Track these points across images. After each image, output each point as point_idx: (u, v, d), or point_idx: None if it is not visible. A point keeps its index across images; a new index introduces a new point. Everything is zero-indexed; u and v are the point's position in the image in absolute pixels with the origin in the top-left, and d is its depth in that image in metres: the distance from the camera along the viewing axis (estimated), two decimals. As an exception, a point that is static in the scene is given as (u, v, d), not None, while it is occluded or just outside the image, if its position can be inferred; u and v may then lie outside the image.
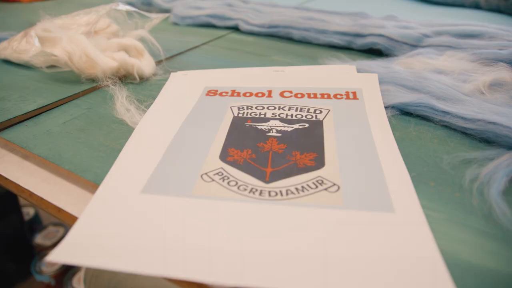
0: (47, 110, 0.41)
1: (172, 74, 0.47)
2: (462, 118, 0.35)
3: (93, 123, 0.38)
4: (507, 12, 0.85)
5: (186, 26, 0.70)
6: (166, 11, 0.78)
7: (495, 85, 0.42)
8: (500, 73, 0.43)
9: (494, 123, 0.34)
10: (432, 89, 0.39)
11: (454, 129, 0.35)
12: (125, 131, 0.36)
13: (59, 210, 0.30)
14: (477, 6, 0.88)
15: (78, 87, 0.45)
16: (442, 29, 0.55)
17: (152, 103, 0.40)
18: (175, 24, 0.72)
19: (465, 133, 0.35)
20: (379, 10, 0.84)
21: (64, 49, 0.46)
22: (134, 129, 0.35)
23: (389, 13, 0.81)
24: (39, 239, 1.08)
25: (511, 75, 0.43)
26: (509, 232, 0.24)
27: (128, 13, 0.57)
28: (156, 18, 0.54)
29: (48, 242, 1.07)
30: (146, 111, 0.38)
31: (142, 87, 0.45)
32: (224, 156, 0.30)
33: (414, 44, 0.53)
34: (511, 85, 0.42)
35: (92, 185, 0.29)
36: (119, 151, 0.32)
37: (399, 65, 0.46)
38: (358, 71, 0.44)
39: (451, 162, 0.30)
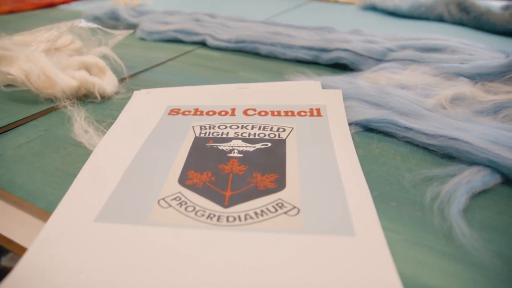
0: (2, 133, 0.39)
1: (135, 92, 0.46)
2: (425, 134, 0.35)
3: (49, 146, 0.36)
4: (470, 25, 0.87)
5: (153, 42, 0.69)
6: (133, 26, 0.77)
7: (456, 100, 0.42)
8: (461, 87, 0.43)
9: (455, 139, 0.34)
10: (395, 105, 0.39)
11: (417, 145, 0.36)
12: (82, 154, 0.34)
13: (9, 241, 0.28)
14: (441, 19, 0.91)
15: (36, 108, 0.43)
16: (406, 43, 0.56)
17: (112, 124, 0.38)
18: (142, 39, 0.70)
19: (427, 149, 0.35)
20: (347, 23, 0.85)
21: (21, 68, 0.44)
22: (92, 151, 0.34)
23: (357, 26, 0.82)
24: (5, 261, 1.04)
25: (471, 90, 0.43)
26: (468, 253, 0.24)
27: (92, 29, 0.55)
28: (120, 34, 0.53)
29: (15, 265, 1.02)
30: (105, 132, 0.37)
31: (104, 107, 0.43)
32: (183, 179, 0.29)
33: (379, 58, 0.53)
34: (472, 99, 0.43)
35: (44, 213, 0.28)
36: (75, 176, 0.31)
37: (364, 80, 0.46)
38: (323, 86, 0.44)
39: (413, 180, 0.30)
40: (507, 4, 0.85)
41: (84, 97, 0.45)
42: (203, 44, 0.65)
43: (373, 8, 0.99)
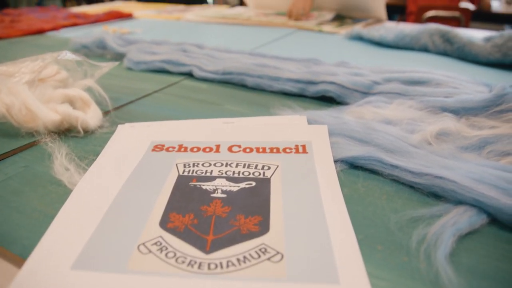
0: (-20, 169, 0.38)
1: (120, 126, 0.45)
2: (410, 172, 0.35)
3: (28, 184, 0.35)
4: (453, 55, 0.89)
5: (140, 72, 0.68)
6: (121, 55, 0.77)
7: (441, 135, 0.43)
8: (446, 123, 0.43)
9: (440, 178, 0.34)
10: (380, 141, 0.39)
11: (403, 183, 0.35)
12: (61, 193, 0.33)
13: (-20, 289, 0.27)
14: (426, 49, 0.92)
15: (17, 142, 0.42)
16: (391, 76, 0.56)
17: (94, 161, 0.38)
18: (129, 69, 0.70)
19: (413, 187, 0.35)
20: (334, 52, 0.86)
21: (2, 101, 0.43)
22: (71, 191, 0.33)
23: (343, 55, 0.83)
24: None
25: (456, 125, 0.44)
26: (456, 302, 0.23)
27: (77, 60, 0.55)
28: (105, 66, 0.53)
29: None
30: (87, 169, 0.36)
31: (86, 142, 0.43)
32: (164, 222, 0.29)
33: (365, 92, 0.53)
34: (457, 135, 0.43)
35: (19, 259, 0.27)
36: (53, 217, 0.30)
37: (350, 115, 0.46)
38: (309, 121, 0.44)
39: (399, 222, 0.30)
40: (488, 36, 0.87)
41: (66, 131, 0.45)
42: (190, 75, 0.65)
43: (359, 38, 1.00)
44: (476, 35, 1.15)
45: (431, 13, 2.59)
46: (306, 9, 1.32)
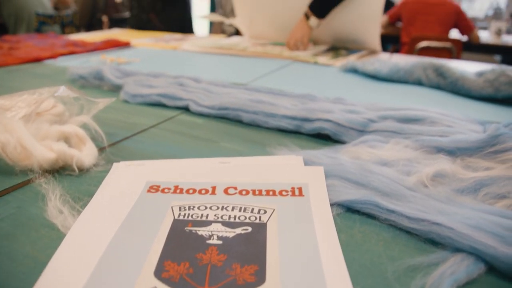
0: (-28, 210, 0.37)
1: (115, 165, 0.45)
2: (407, 217, 0.35)
3: (21, 226, 0.35)
4: (447, 89, 0.90)
5: (137, 105, 0.69)
6: (118, 87, 0.77)
7: (437, 177, 0.43)
8: (441, 164, 0.44)
9: (437, 224, 0.34)
10: (377, 184, 0.39)
11: (400, 229, 0.35)
12: (55, 238, 0.33)
13: None
14: (419, 83, 0.94)
15: (10, 181, 0.42)
16: (386, 113, 0.57)
17: (89, 202, 0.37)
18: (126, 101, 0.71)
19: (410, 232, 0.35)
20: (329, 85, 0.87)
21: (-3, 139, 0.43)
22: (65, 235, 0.33)
23: (339, 88, 0.84)
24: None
25: (451, 167, 0.44)
26: None
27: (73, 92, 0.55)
28: (102, 102, 0.53)
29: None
30: (81, 211, 0.36)
31: (81, 181, 0.42)
32: (159, 271, 0.28)
33: (360, 130, 0.54)
34: (452, 177, 0.43)
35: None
36: (45, 264, 0.29)
37: (346, 155, 0.46)
38: (305, 161, 0.44)
39: (397, 271, 0.29)
40: (480, 71, 0.88)
41: (61, 169, 0.44)
42: (186, 109, 0.65)
43: (354, 71, 1.02)
44: (468, 68, 1.17)
45: (423, 43, 2.64)
46: (304, 39, 1.34)
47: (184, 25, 2.13)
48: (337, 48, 1.43)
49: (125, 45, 1.43)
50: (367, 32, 1.37)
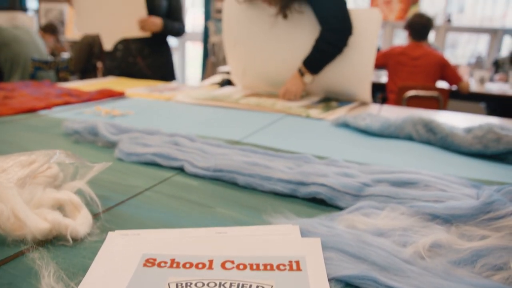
0: (-40, 285, 0.36)
1: (110, 234, 0.44)
2: (406, 295, 0.35)
3: (11, 306, 0.34)
4: (437, 144, 0.92)
5: (131, 163, 0.69)
6: (112, 144, 0.78)
7: (434, 247, 0.43)
8: (437, 234, 0.44)
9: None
10: (374, 258, 0.39)
11: (399, 307, 0.35)
12: (46, 321, 0.32)
13: None
14: (410, 138, 0.96)
15: (2, 253, 0.41)
16: (380, 177, 0.57)
17: (83, 279, 0.36)
18: (120, 160, 0.71)
19: (409, 312, 0.34)
20: (322, 142, 0.88)
21: (-10, 209, 0.42)
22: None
23: (331, 143, 0.85)
24: None
25: (447, 237, 0.44)
26: None
27: (69, 157, 0.55)
28: (97, 167, 0.53)
29: None
30: (75, 289, 0.35)
31: (75, 253, 0.41)
32: None
33: (355, 194, 0.54)
34: (449, 247, 0.43)
35: None
36: None
37: (342, 223, 0.47)
38: (302, 231, 0.44)
39: None
40: (468, 127, 0.91)
41: (54, 239, 0.44)
42: (181, 169, 0.65)
43: (346, 125, 1.04)
44: (456, 119, 1.20)
45: (411, 92, 2.72)
46: (298, 94, 1.38)
47: (167, 71, 2.25)
48: (328, 99, 1.46)
49: (119, 95, 1.45)
50: (358, 85, 1.41)
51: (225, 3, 1.59)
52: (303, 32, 1.42)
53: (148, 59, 2.16)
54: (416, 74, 2.87)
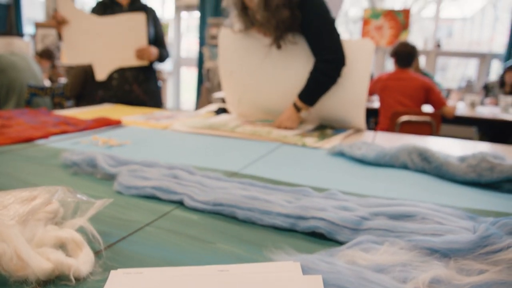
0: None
1: (112, 273, 0.44)
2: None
3: None
4: (432, 173, 0.93)
5: (130, 197, 0.69)
6: (111, 176, 0.78)
7: (433, 283, 0.43)
8: (437, 270, 0.44)
9: None
10: (375, 296, 0.39)
11: None
12: None
13: None
14: (405, 167, 0.97)
15: (3, 294, 0.41)
16: (378, 210, 0.58)
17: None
18: (119, 193, 0.71)
19: None
20: (319, 171, 0.89)
21: (-7, 249, 0.43)
22: None
23: (328, 174, 0.86)
24: None
25: (446, 272, 0.45)
26: None
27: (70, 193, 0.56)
28: (98, 203, 0.53)
29: None
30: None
31: (77, 294, 0.42)
32: None
33: (354, 228, 0.55)
34: (448, 283, 0.44)
35: None
36: None
37: (342, 259, 0.47)
38: (303, 268, 0.44)
39: None
40: (462, 156, 0.92)
41: (57, 279, 0.44)
42: (180, 203, 0.66)
43: (342, 154, 1.05)
44: (449, 144, 1.22)
45: (404, 118, 2.76)
46: (293, 127, 1.40)
47: (160, 96, 2.37)
48: (323, 126, 1.48)
49: (116, 123, 1.46)
50: (353, 113, 1.43)
51: (221, 33, 1.62)
52: (297, 62, 1.45)
53: (144, 85, 2.23)
54: (403, 97, 2.98)
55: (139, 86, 2.21)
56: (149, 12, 2.21)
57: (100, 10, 2.14)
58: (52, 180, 0.79)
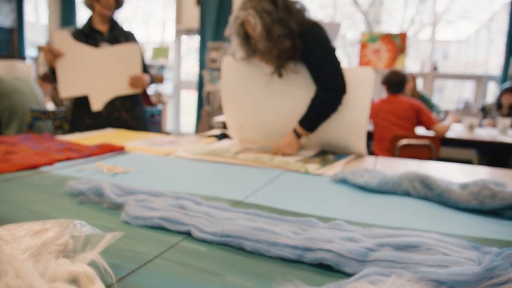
0: None
1: (124, 309, 0.45)
2: None
3: None
4: (434, 200, 0.94)
5: (138, 227, 0.70)
6: (118, 206, 0.79)
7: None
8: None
9: None
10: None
11: None
12: None
13: None
14: (407, 194, 0.98)
15: (18, 330, 0.42)
16: (383, 241, 0.59)
17: None
18: (126, 223, 0.72)
19: None
20: (322, 199, 0.90)
21: (8, 285, 0.43)
22: None
23: (331, 204, 0.88)
24: None
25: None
26: None
27: (82, 227, 0.57)
28: (108, 237, 0.54)
29: None
30: None
31: (90, 330, 0.42)
32: None
33: (360, 260, 0.56)
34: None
35: None
36: None
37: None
38: (312, 302, 0.45)
39: None
40: (464, 183, 0.94)
41: (69, 315, 0.44)
42: (188, 234, 0.66)
43: (344, 181, 1.06)
44: (448, 169, 1.23)
45: (404, 141, 2.78)
46: (293, 153, 1.42)
47: (145, 120, 2.44)
48: (325, 152, 1.50)
49: (119, 149, 1.47)
50: (354, 139, 1.45)
51: (223, 60, 1.66)
52: (298, 90, 1.48)
53: (131, 111, 2.33)
54: (395, 118, 3.12)
55: (127, 113, 2.30)
56: (130, 37, 2.32)
57: (82, 39, 2.17)
58: (59, 210, 0.80)
